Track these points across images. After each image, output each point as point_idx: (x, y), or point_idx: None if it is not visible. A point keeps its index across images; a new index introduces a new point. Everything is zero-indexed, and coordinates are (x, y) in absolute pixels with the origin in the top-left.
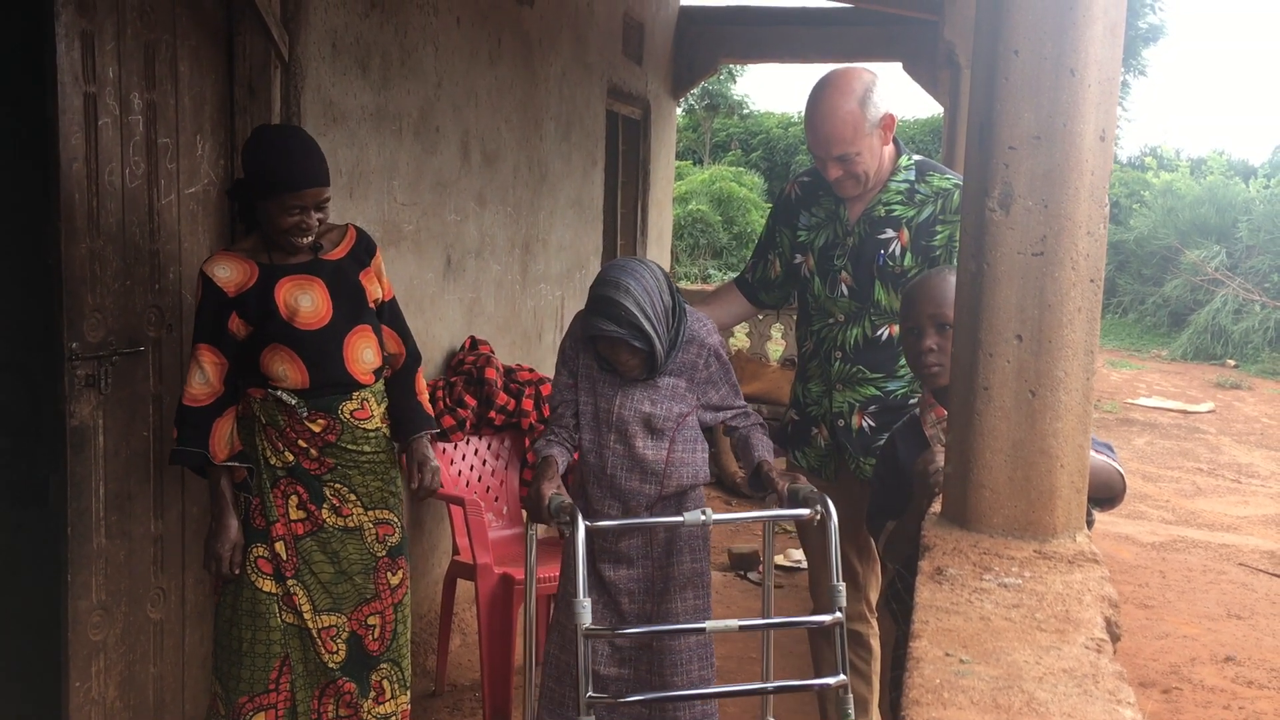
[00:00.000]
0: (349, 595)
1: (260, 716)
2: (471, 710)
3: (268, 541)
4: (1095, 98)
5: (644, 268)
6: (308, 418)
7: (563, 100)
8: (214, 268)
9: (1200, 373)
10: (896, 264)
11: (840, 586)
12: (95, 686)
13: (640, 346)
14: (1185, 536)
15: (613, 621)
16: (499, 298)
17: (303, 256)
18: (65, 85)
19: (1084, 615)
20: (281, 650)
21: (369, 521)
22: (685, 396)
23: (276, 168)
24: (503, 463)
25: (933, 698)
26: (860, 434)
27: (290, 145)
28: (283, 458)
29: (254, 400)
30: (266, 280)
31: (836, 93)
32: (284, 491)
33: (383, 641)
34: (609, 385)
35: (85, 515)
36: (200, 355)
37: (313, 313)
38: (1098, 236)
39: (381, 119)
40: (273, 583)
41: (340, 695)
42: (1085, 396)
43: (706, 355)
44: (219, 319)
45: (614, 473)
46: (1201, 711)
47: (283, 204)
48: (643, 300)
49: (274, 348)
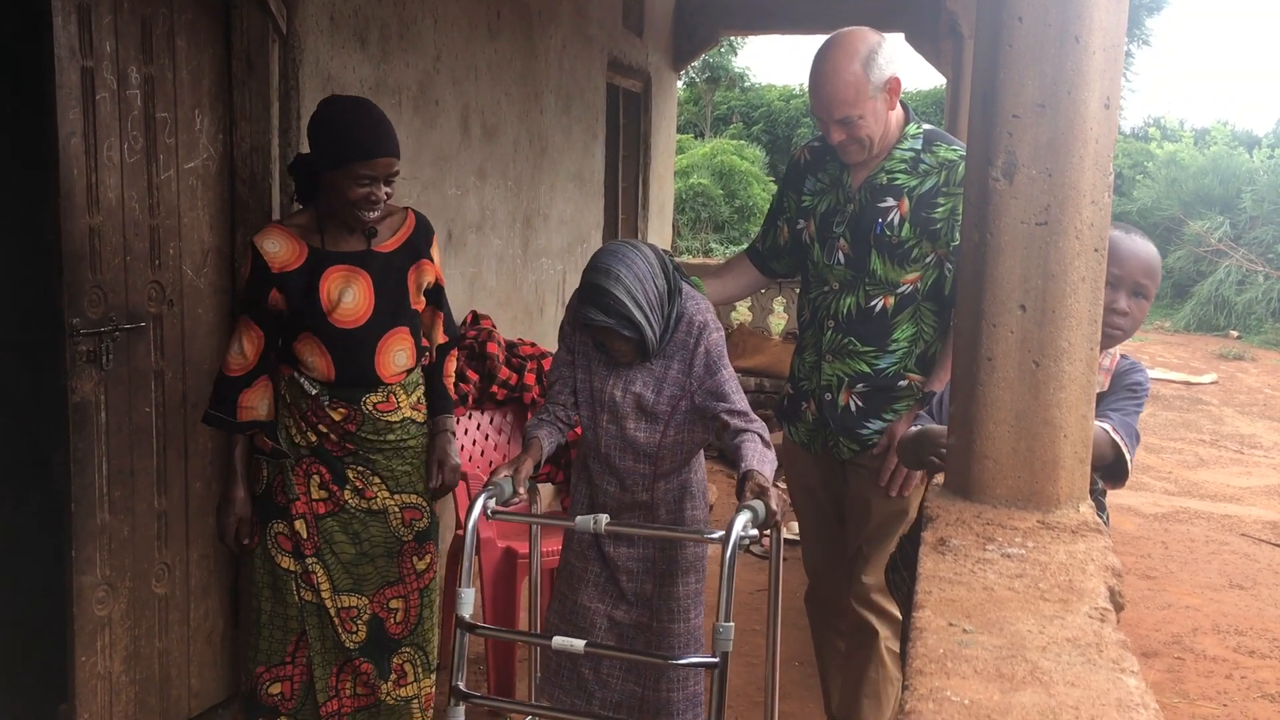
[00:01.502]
0: (371, 577)
1: (277, 687)
2: (476, 683)
3: (287, 519)
4: (1100, 65)
5: (636, 253)
6: (329, 405)
7: (563, 73)
8: (263, 240)
9: (1203, 344)
10: (894, 234)
11: (726, 626)
12: (101, 661)
13: (630, 335)
14: (1188, 507)
15: (613, 596)
16: (500, 272)
17: (356, 244)
18: (62, 60)
19: (1087, 585)
20: (298, 625)
21: (395, 505)
22: (679, 379)
23: (348, 136)
24: (505, 437)
25: (936, 667)
26: (845, 412)
27: (362, 114)
28: (305, 437)
29: (282, 377)
30: (314, 265)
31: (840, 53)
32: (306, 470)
33: (406, 625)
34: (603, 365)
35: (88, 491)
36: (241, 326)
37: (353, 309)
38: (1102, 205)
39: (380, 92)
40: (291, 560)
41: (357, 674)
42: (1089, 367)
43: (696, 333)
44: (260, 292)
45: (608, 452)
46: (1204, 681)
47: (353, 174)
48: (634, 288)
49: (308, 336)
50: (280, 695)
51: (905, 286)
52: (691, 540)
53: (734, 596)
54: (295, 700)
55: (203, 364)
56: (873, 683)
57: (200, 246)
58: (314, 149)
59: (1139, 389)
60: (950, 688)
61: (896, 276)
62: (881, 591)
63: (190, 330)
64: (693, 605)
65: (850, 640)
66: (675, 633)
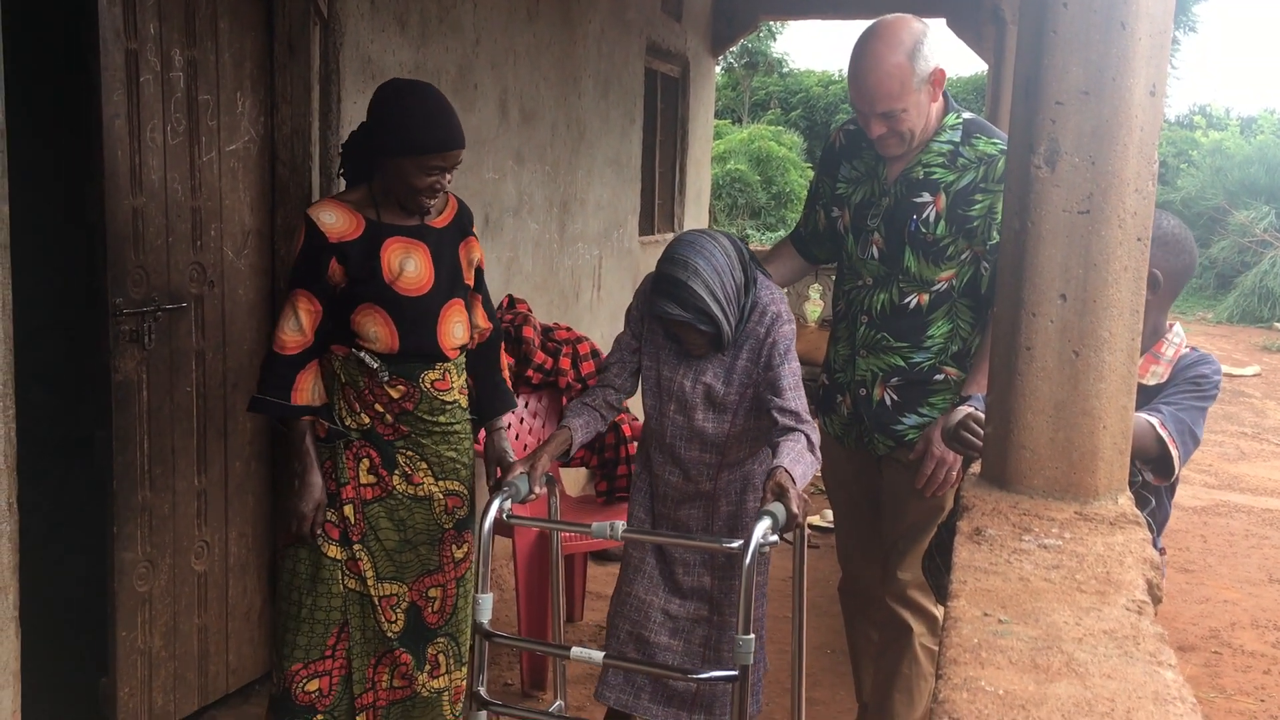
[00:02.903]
0: (412, 565)
1: (314, 684)
2: (509, 664)
3: (336, 505)
4: (1146, 51)
5: (715, 245)
6: (388, 382)
7: (601, 58)
8: (319, 212)
9: (1246, 336)
10: (929, 231)
11: (746, 639)
12: (141, 637)
13: (707, 329)
14: (1228, 501)
15: (668, 589)
16: (536, 256)
17: (411, 219)
18: (106, 41)
19: (1125, 577)
20: (341, 617)
21: (440, 492)
22: (748, 368)
23: (424, 126)
24: (540, 421)
25: (970, 657)
26: (880, 406)
27: (435, 104)
28: (358, 419)
29: (336, 357)
30: (373, 236)
31: (883, 44)
32: (356, 454)
33: (442, 615)
34: (673, 355)
35: (130, 469)
36: (297, 301)
37: (416, 278)
38: (1146, 194)
39: (419, 76)
40: (338, 548)
41: (396, 665)
42: (1130, 357)
43: (769, 323)
44: (318, 264)
45: (673, 441)
46: (1241, 676)
47: (423, 164)
48: (712, 282)
49: (369, 308)
50: (318, 692)
51: (940, 284)
52: (710, 549)
53: (768, 584)
54: (333, 696)
55: (243, 344)
56: (905, 678)
57: (241, 228)
58: (383, 134)
59: (1204, 383)
60: (984, 677)
61: (931, 274)
62: (919, 588)
63: (230, 311)
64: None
65: (884, 634)
66: (734, 626)
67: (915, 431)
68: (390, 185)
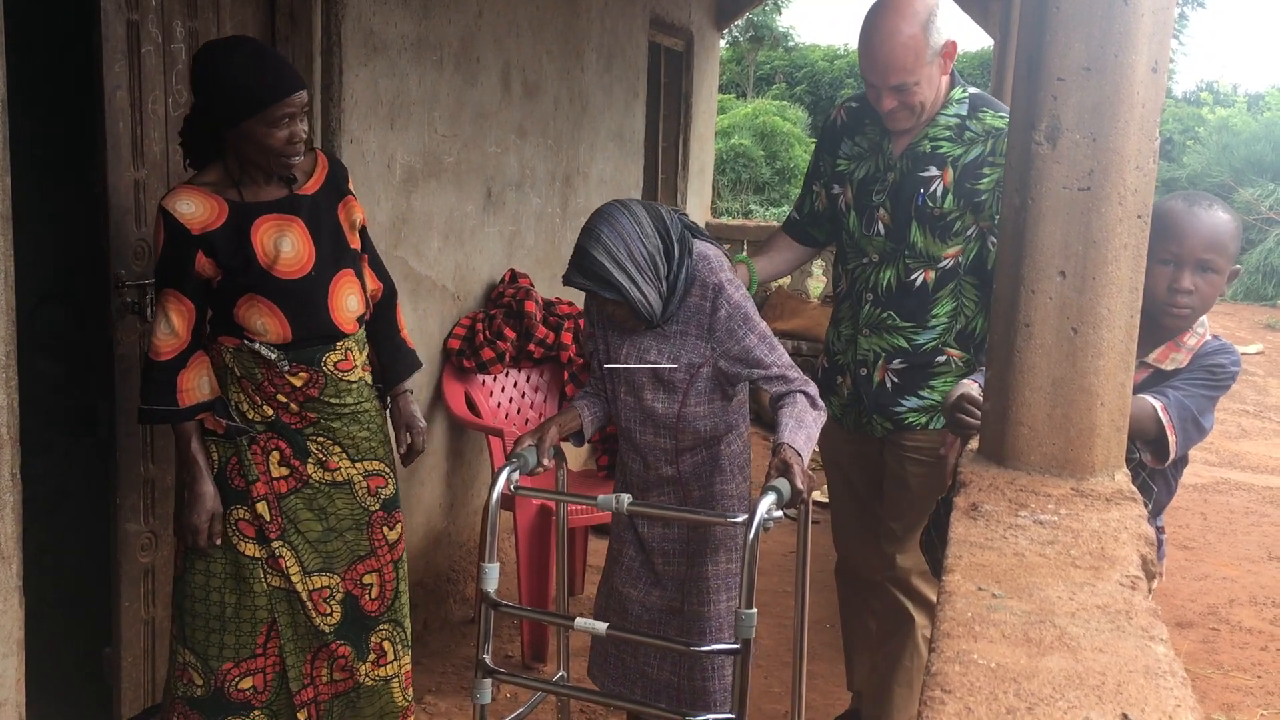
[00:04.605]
0: (341, 553)
1: (248, 681)
2: (510, 637)
3: (248, 503)
4: (1149, 28)
5: (623, 213)
6: (289, 371)
7: (604, 31)
8: (174, 203)
9: (1250, 314)
10: (936, 205)
11: (748, 613)
12: (144, 608)
13: (612, 297)
14: (1228, 478)
15: (647, 581)
16: (539, 231)
17: (277, 191)
18: (108, 13)
19: (1120, 553)
20: (268, 615)
21: (358, 474)
22: (696, 345)
23: (254, 81)
24: (541, 395)
25: (964, 630)
26: (880, 388)
27: (257, 55)
28: (261, 412)
29: (226, 349)
30: (239, 220)
31: (897, 15)
32: (264, 448)
33: (382, 601)
34: (617, 334)
35: (133, 441)
36: (166, 301)
37: (294, 259)
38: (1146, 171)
39: (422, 49)
40: (255, 546)
41: (334, 659)
42: (1128, 334)
43: (711, 296)
44: (184, 260)
45: (628, 426)
46: (1239, 652)
47: (270, 118)
48: (615, 248)
49: (251, 299)
50: (252, 689)
51: (946, 260)
52: (713, 523)
53: (768, 558)
54: (269, 692)
55: None
56: (907, 670)
57: None
58: (215, 103)
59: (1219, 372)
60: (977, 651)
61: (938, 250)
62: (921, 576)
63: None
64: (724, 587)
65: (884, 623)
66: (706, 616)
67: (915, 414)
68: (246, 156)
